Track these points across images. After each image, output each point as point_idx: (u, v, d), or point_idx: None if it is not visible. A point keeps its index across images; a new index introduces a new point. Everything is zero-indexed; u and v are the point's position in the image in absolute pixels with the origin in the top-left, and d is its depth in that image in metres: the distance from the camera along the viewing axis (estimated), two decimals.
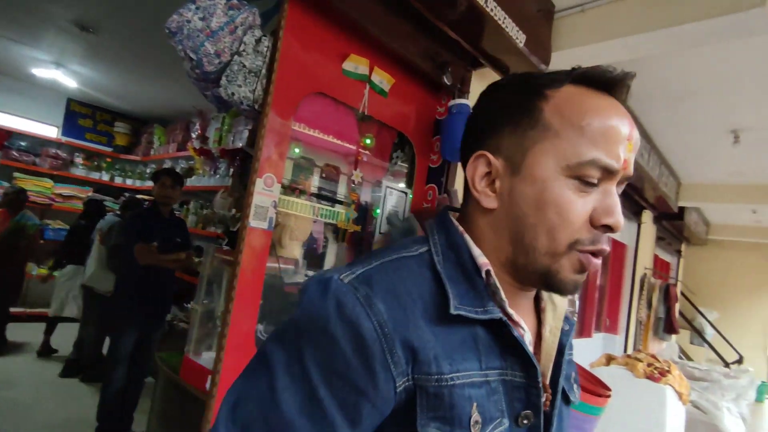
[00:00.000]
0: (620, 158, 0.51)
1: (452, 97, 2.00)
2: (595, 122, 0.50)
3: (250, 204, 1.47)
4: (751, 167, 3.91)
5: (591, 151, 0.49)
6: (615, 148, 0.50)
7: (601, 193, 0.51)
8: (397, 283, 0.50)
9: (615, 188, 0.52)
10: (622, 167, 0.51)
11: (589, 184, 0.51)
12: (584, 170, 0.50)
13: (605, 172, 0.51)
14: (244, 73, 1.53)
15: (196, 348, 1.71)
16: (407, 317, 0.48)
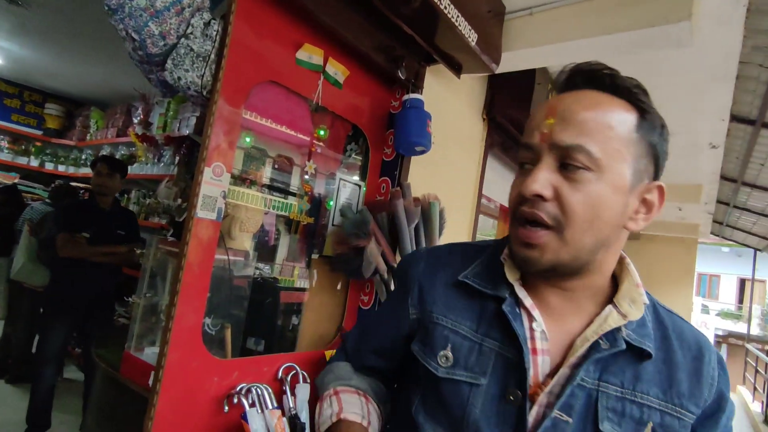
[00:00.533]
0: (534, 135, 0.59)
1: (406, 92, 2.03)
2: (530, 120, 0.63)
3: (197, 194, 1.42)
4: (677, 168, 4.25)
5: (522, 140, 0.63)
6: (530, 131, 0.60)
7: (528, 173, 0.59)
8: (444, 256, 0.72)
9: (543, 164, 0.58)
10: (541, 139, 0.58)
11: (522, 165, 0.61)
12: (519, 156, 0.62)
13: (527, 150, 0.60)
14: (191, 57, 1.47)
15: (137, 343, 1.64)
16: (433, 276, 0.69)
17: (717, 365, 0.59)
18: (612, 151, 0.55)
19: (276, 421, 1.46)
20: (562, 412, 0.56)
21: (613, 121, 0.56)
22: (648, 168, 0.59)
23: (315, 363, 1.78)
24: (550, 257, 0.56)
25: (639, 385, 0.57)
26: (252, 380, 1.55)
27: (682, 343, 0.60)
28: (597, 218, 0.55)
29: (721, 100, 2.79)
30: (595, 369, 0.57)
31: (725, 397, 0.58)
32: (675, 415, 0.56)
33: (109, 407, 1.64)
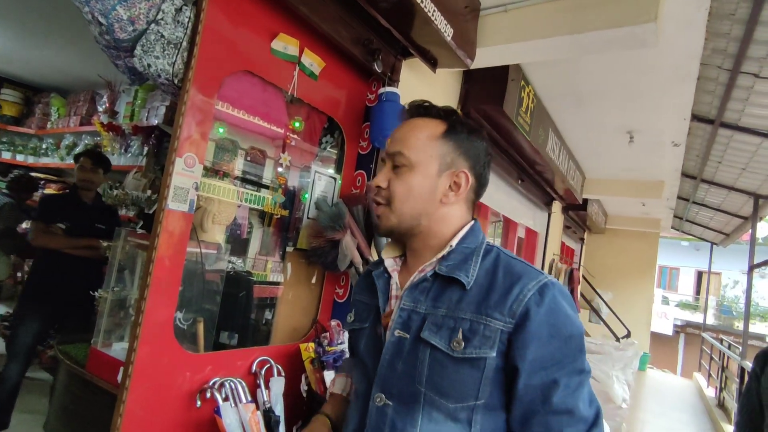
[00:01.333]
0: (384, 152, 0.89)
1: (382, 85, 2.03)
2: None
3: (168, 185, 1.39)
4: (641, 165, 4.41)
5: None
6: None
7: None
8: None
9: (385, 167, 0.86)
10: (385, 153, 0.88)
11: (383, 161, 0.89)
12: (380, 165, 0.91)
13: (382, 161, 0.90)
14: (162, 44, 1.42)
15: (105, 339, 1.59)
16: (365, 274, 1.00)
17: (537, 291, 0.73)
18: (419, 152, 0.83)
19: (250, 415, 1.45)
20: (402, 330, 0.79)
21: (421, 133, 0.84)
22: (456, 161, 0.85)
23: (290, 356, 1.77)
24: (385, 222, 0.84)
25: (459, 306, 0.77)
26: (225, 374, 1.53)
27: (506, 274, 0.77)
28: (410, 195, 0.83)
29: (683, 100, 2.92)
30: (425, 299, 0.80)
31: (532, 311, 0.72)
32: (481, 322, 0.74)
33: (74, 404, 1.59)
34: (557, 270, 5.45)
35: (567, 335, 0.73)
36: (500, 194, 3.92)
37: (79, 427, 1.55)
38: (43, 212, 2.42)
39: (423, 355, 0.76)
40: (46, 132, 4.78)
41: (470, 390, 0.73)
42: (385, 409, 0.78)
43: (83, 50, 3.77)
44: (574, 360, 0.72)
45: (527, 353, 0.71)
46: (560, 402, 0.70)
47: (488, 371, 0.73)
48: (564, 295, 0.76)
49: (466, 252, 0.82)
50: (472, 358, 0.73)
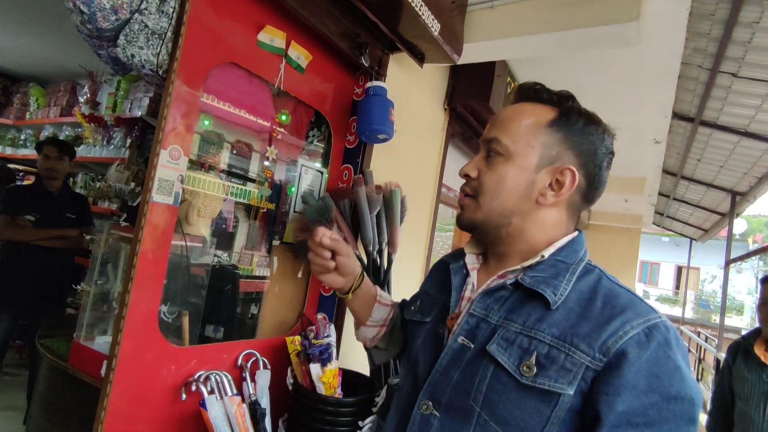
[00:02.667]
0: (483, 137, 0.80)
1: (369, 79, 2.02)
2: None
3: (152, 177, 1.37)
4: (624, 162, 4.49)
5: None
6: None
7: None
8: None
9: (478, 155, 0.78)
10: (482, 139, 0.79)
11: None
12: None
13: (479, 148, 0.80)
14: (146, 34, 1.40)
15: (87, 332, 1.57)
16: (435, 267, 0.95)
17: (643, 331, 0.61)
18: (518, 140, 0.73)
19: (236, 408, 1.45)
20: (467, 338, 0.70)
21: (524, 119, 0.74)
22: (561, 155, 0.73)
23: (276, 349, 1.78)
24: (469, 215, 0.77)
25: (539, 326, 0.65)
26: (211, 368, 1.53)
27: (606, 304, 0.65)
28: (502, 189, 0.73)
29: (664, 98, 2.97)
30: (499, 309, 0.70)
31: (632, 353, 0.59)
32: (562, 350, 0.62)
33: (56, 398, 1.57)
34: None
35: (672, 394, 0.58)
36: None
37: (61, 421, 1.53)
38: (9, 204, 2.36)
39: (485, 372, 0.65)
40: (25, 123, 4.66)
41: (534, 426, 0.61)
42: (430, 420, 0.68)
43: (63, 39, 3.68)
44: (675, 429, 0.57)
45: (616, 403, 0.58)
46: None
47: (560, 410, 0.60)
48: (679, 344, 0.62)
49: (560, 267, 0.70)
50: (542, 390, 0.61)
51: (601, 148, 0.74)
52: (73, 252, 2.54)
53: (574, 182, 0.72)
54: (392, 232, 1.94)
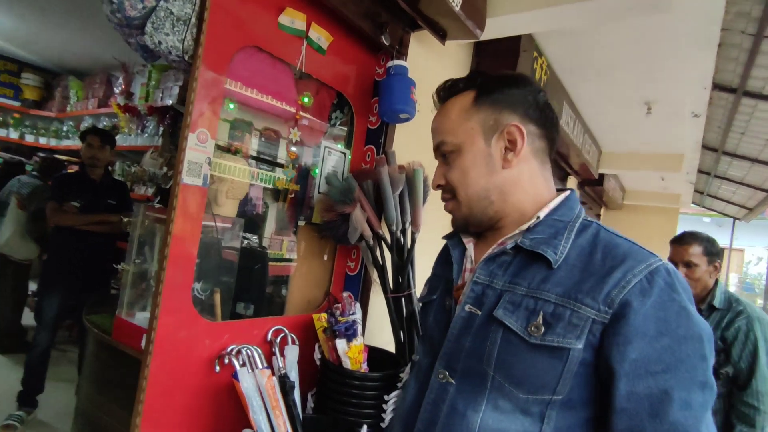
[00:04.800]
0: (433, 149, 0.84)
1: (391, 58, 2.02)
2: None
3: (182, 160, 1.43)
4: (659, 138, 4.31)
5: None
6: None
7: None
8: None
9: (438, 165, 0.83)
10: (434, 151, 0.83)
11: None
12: None
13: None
14: (171, 21, 1.45)
15: (128, 309, 1.68)
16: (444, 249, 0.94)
17: (645, 277, 0.62)
18: (457, 132, 0.77)
19: (266, 380, 1.52)
20: (474, 306, 0.72)
21: (452, 113, 0.79)
22: (499, 119, 0.76)
23: (303, 326, 1.84)
24: (458, 215, 0.81)
25: (544, 286, 0.67)
26: (242, 342, 1.60)
27: (607, 255, 0.66)
28: (468, 177, 0.77)
29: (702, 68, 2.83)
30: (503, 274, 0.72)
31: (637, 301, 0.60)
32: (568, 307, 0.64)
33: (102, 369, 1.69)
34: None
35: (682, 335, 0.59)
36: None
37: (108, 390, 1.65)
38: (56, 192, 2.52)
39: (495, 336, 0.67)
40: (66, 115, 4.90)
41: (547, 382, 0.63)
42: (447, 387, 0.71)
43: (98, 32, 3.82)
44: (692, 369, 0.58)
45: (628, 351, 0.59)
46: (676, 422, 0.56)
47: (571, 364, 0.62)
48: (683, 286, 0.63)
49: (558, 226, 0.71)
50: (552, 347, 0.63)
51: (527, 93, 0.76)
52: (115, 236, 2.68)
53: (523, 133, 0.74)
54: (415, 212, 1.95)
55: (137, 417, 1.37)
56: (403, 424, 0.77)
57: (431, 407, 0.72)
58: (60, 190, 2.53)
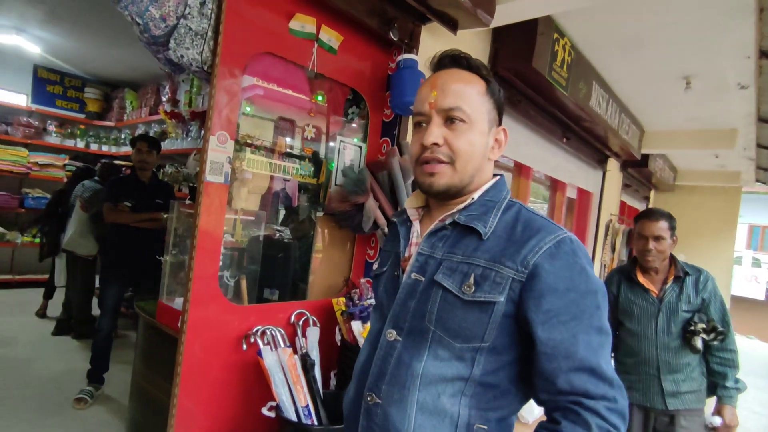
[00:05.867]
0: (424, 105, 0.84)
1: (402, 52, 2.09)
2: (419, 93, 0.87)
3: (205, 160, 1.60)
4: (704, 113, 4.05)
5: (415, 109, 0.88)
6: (420, 102, 0.85)
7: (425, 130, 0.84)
8: None
9: (433, 123, 0.83)
10: (431, 107, 0.83)
11: (417, 126, 0.88)
12: (414, 120, 0.88)
13: (421, 115, 0.86)
14: (191, 36, 1.61)
15: (168, 294, 1.89)
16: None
17: (554, 245, 0.74)
18: (475, 108, 0.82)
19: (287, 357, 1.67)
20: (418, 273, 0.83)
21: (474, 89, 0.83)
22: (495, 118, 0.86)
23: (324, 310, 1.97)
24: (446, 181, 0.82)
25: (475, 253, 0.79)
26: (267, 324, 1.76)
27: (525, 228, 0.79)
28: (474, 153, 0.83)
29: (743, 36, 2.65)
30: (443, 245, 0.83)
31: (547, 263, 0.73)
32: (493, 269, 0.76)
33: (150, 347, 1.92)
34: (614, 230, 5.22)
35: (584, 290, 0.73)
36: (544, 154, 3.83)
37: (155, 365, 1.87)
38: (111, 194, 2.82)
39: (435, 296, 0.78)
40: (123, 123, 5.36)
41: (477, 332, 0.75)
42: (394, 344, 0.81)
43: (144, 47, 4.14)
44: (591, 317, 0.72)
45: (542, 303, 0.72)
46: (583, 359, 0.70)
47: (496, 316, 0.74)
48: (583, 252, 0.76)
49: (489, 205, 0.83)
50: (480, 302, 0.75)
51: (503, 103, 0.88)
52: (162, 232, 2.96)
53: (506, 138, 0.88)
54: None
55: (176, 387, 1.57)
56: (357, 381, 0.87)
57: (381, 362, 0.82)
58: (114, 192, 2.83)
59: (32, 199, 5.00)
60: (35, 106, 5.32)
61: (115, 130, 5.68)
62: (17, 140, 5.00)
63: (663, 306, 1.91)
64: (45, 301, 4.09)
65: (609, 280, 2.04)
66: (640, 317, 1.95)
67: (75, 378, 2.86)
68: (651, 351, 1.90)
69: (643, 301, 1.95)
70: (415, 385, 0.77)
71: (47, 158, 5.15)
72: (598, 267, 5.08)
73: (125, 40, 4.14)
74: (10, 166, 4.83)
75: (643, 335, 1.92)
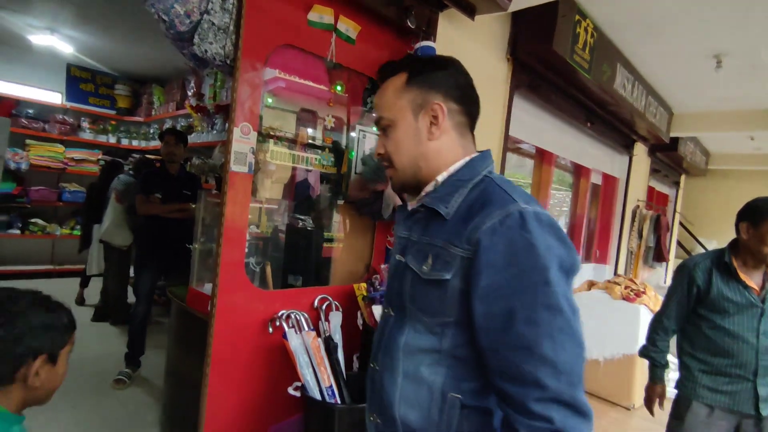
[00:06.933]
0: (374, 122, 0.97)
1: (420, 40, 2.10)
2: None
3: (230, 151, 1.66)
4: (738, 93, 3.90)
5: None
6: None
7: None
8: None
9: (380, 136, 0.93)
10: (375, 123, 0.99)
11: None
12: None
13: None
14: (214, 31, 1.67)
15: (198, 280, 1.98)
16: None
17: (499, 220, 0.74)
18: (395, 109, 0.88)
19: (311, 340, 1.73)
20: (400, 255, 0.91)
21: (388, 92, 0.90)
22: (427, 98, 0.87)
23: (346, 295, 2.03)
24: (396, 180, 0.92)
25: (437, 234, 0.83)
26: (291, 308, 1.83)
27: (480, 204, 0.79)
28: (401, 147, 0.89)
29: None
30: (418, 228, 0.88)
31: (486, 239, 0.74)
32: (446, 249, 0.80)
33: (181, 330, 2.02)
34: (642, 217, 5.10)
35: (528, 266, 0.70)
36: (568, 139, 3.77)
37: (187, 347, 1.97)
38: (143, 186, 2.95)
39: (408, 276, 0.86)
40: (152, 119, 5.53)
41: (439, 308, 0.80)
42: (388, 319, 0.91)
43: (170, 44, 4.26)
44: (535, 293, 0.69)
45: (479, 280, 0.73)
46: (519, 335, 0.69)
47: (451, 292, 0.78)
48: (538, 227, 0.72)
49: (456, 185, 0.84)
50: (434, 280, 0.80)
51: (450, 75, 0.88)
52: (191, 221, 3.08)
53: (444, 110, 0.86)
54: None
55: (207, 368, 1.65)
56: (373, 349, 0.97)
57: (379, 335, 0.93)
58: (146, 185, 2.96)
59: (69, 193, 5.25)
60: (70, 104, 5.54)
61: (144, 125, 5.86)
62: (54, 137, 5.23)
63: (767, 306, 1.68)
64: (81, 289, 4.31)
65: (694, 267, 1.78)
66: (737, 316, 1.70)
67: (113, 361, 3.02)
68: (749, 354, 1.67)
69: (741, 299, 1.69)
70: (400, 355, 0.85)
71: (82, 153, 5.38)
72: (624, 254, 4.98)
73: (152, 37, 4.26)
74: (48, 162, 5.07)
75: (740, 337, 1.68)
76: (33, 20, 4.08)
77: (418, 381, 0.83)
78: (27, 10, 3.86)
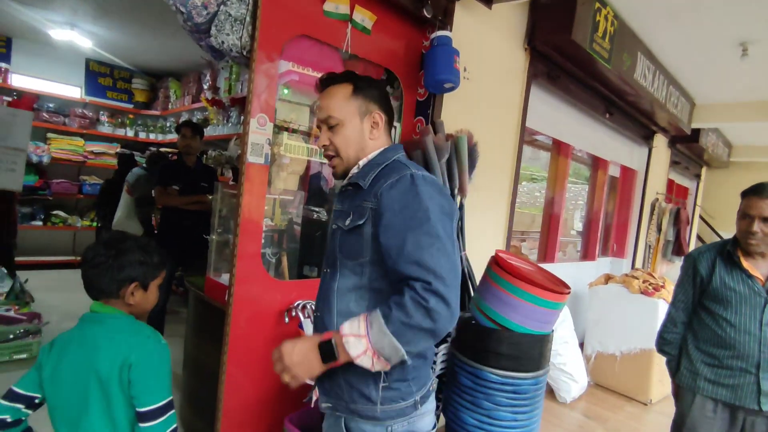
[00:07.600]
0: (316, 119, 1.20)
1: (436, 30, 2.07)
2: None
3: (246, 142, 1.67)
4: (764, 82, 3.77)
5: None
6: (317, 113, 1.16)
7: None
8: None
9: (322, 131, 1.13)
10: (318, 120, 1.15)
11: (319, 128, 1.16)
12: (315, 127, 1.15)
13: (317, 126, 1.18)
14: (230, 22, 1.67)
15: (215, 269, 2.00)
16: None
17: (396, 179, 1.01)
18: (344, 111, 1.10)
19: None
20: (335, 223, 1.12)
21: (338, 97, 1.10)
22: (368, 107, 1.11)
23: None
24: (340, 168, 1.14)
25: (356, 199, 1.07)
26: (307, 299, 1.84)
27: (388, 174, 1.05)
28: (348, 143, 1.11)
29: None
30: (346, 200, 1.12)
31: (387, 192, 1.00)
32: (361, 205, 1.05)
33: (199, 319, 2.05)
34: (661, 210, 5.00)
35: (416, 208, 0.98)
36: (585, 130, 3.70)
37: (204, 336, 2.01)
38: (161, 178, 2.99)
39: (337, 234, 1.10)
40: (168, 112, 5.59)
41: (359, 250, 1.04)
42: (326, 275, 1.14)
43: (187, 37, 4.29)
44: (420, 225, 0.96)
45: (382, 219, 0.99)
46: (409, 254, 0.94)
47: (366, 236, 1.03)
48: (424, 184, 1.01)
49: (372, 165, 1.11)
50: (353, 228, 1.05)
51: (382, 92, 1.15)
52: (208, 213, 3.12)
53: (382, 119, 1.13)
54: (461, 178, 2.02)
55: (224, 355, 1.68)
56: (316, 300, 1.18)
57: (319, 290, 1.16)
58: (164, 176, 3.00)
59: (89, 185, 5.35)
60: (89, 98, 5.64)
61: (161, 119, 5.93)
62: (74, 131, 5.33)
63: None
64: None
65: (698, 256, 1.76)
66: (739, 307, 1.66)
67: None
68: (752, 347, 1.63)
69: (745, 289, 1.65)
70: (334, 298, 1.08)
71: (101, 147, 5.48)
72: (642, 248, 4.90)
73: (168, 31, 4.30)
74: (69, 155, 5.18)
75: (743, 328, 1.64)
76: (53, 15, 4.15)
77: (350, 315, 1.03)
78: (48, 5, 3.92)
